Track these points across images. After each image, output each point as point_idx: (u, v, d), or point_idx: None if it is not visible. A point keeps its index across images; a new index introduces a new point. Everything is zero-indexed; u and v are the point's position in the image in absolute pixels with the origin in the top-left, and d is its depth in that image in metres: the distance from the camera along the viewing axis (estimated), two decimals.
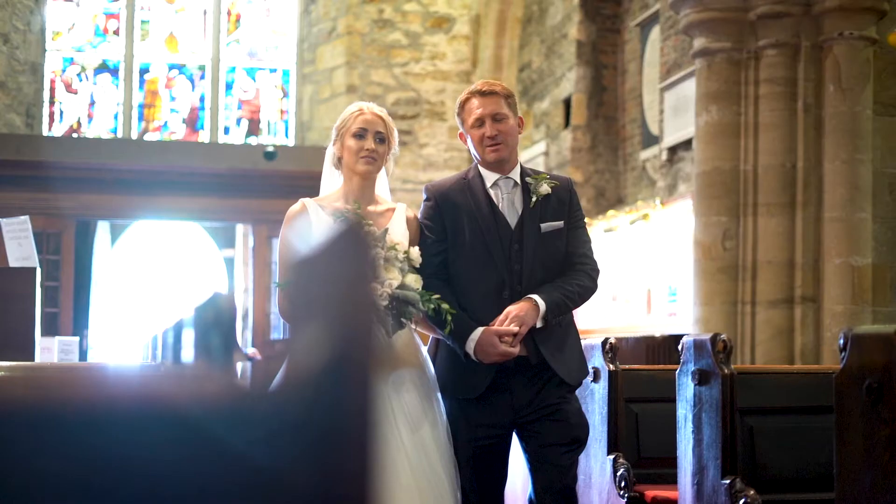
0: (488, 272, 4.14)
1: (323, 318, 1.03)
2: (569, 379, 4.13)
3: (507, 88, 4.34)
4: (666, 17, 11.46)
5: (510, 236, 4.17)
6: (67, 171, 13.97)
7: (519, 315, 4.03)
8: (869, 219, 8.28)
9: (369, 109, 4.27)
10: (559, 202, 4.24)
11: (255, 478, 1.03)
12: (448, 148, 15.38)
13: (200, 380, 1.22)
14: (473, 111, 4.25)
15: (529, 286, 4.13)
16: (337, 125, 4.29)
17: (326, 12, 15.42)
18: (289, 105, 15.71)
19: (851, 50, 8.28)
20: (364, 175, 4.20)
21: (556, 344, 4.16)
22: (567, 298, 4.13)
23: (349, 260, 1.02)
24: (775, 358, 8.27)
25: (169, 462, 1.00)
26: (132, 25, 15.32)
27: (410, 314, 3.94)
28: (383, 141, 4.23)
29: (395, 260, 3.96)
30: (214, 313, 1.91)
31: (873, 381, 3.11)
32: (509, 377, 4.12)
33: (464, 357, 4.09)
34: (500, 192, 4.24)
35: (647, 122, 12.21)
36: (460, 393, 4.15)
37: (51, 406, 0.98)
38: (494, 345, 4.02)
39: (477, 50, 15.32)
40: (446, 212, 4.22)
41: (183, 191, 14.35)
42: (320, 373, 1.02)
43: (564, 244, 4.23)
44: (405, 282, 3.93)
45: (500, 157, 4.20)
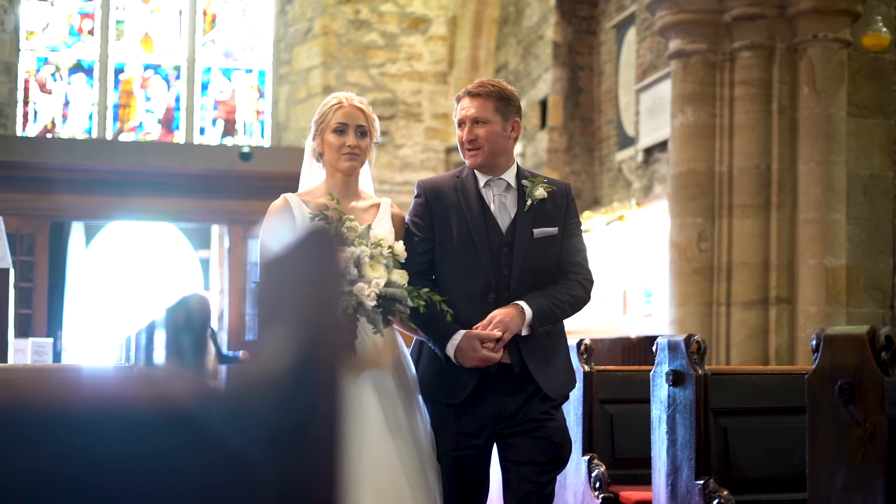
0: (475, 274, 4.01)
1: (290, 320, 1.02)
2: (551, 392, 3.98)
3: (501, 89, 4.14)
4: (642, 18, 11.48)
5: (500, 239, 4.04)
6: (41, 172, 13.90)
7: (503, 321, 3.90)
8: (843, 220, 8.32)
9: (349, 101, 4.11)
10: (555, 207, 4.09)
11: (225, 478, 1.03)
12: (424, 149, 15.37)
13: (170, 381, 1.21)
14: (459, 111, 4.15)
15: (517, 292, 3.99)
16: (316, 119, 4.14)
17: (303, 13, 15.39)
18: (264, 106, 15.68)
19: (826, 52, 8.32)
20: (347, 172, 4.07)
21: (543, 354, 4.03)
22: (556, 307, 3.99)
23: (317, 261, 1.01)
24: (750, 359, 8.30)
25: (141, 463, 1.00)
26: (107, 25, 15.25)
27: (399, 311, 3.80)
28: (365, 134, 4.09)
29: (381, 256, 3.81)
30: (186, 315, 1.90)
31: (845, 382, 3.12)
32: (492, 385, 3.99)
33: (444, 360, 3.97)
34: (492, 193, 4.10)
35: (622, 124, 12.23)
36: (442, 397, 4.02)
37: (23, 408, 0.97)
38: (475, 349, 3.90)
39: (453, 51, 15.32)
40: (435, 210, 4.09)
41: (158, 191, 14.30)
42: (287, 374, 1.01)
43: (558, 251, 4.08)
44: (391, 278, 3.79)
45: (477, 162, 4.06)
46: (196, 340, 1.90)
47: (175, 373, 1.85)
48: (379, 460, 3.74)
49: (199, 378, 1.75)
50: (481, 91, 4.12)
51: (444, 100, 15.42)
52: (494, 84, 4.17)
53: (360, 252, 3.73)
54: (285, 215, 3.99)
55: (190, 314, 1.88)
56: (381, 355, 3.93)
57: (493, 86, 4.15)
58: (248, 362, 1.08)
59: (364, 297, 3.68)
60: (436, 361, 4.02)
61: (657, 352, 4.34)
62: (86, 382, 1.03)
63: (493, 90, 4.12)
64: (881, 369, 3.08)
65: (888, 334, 3.12)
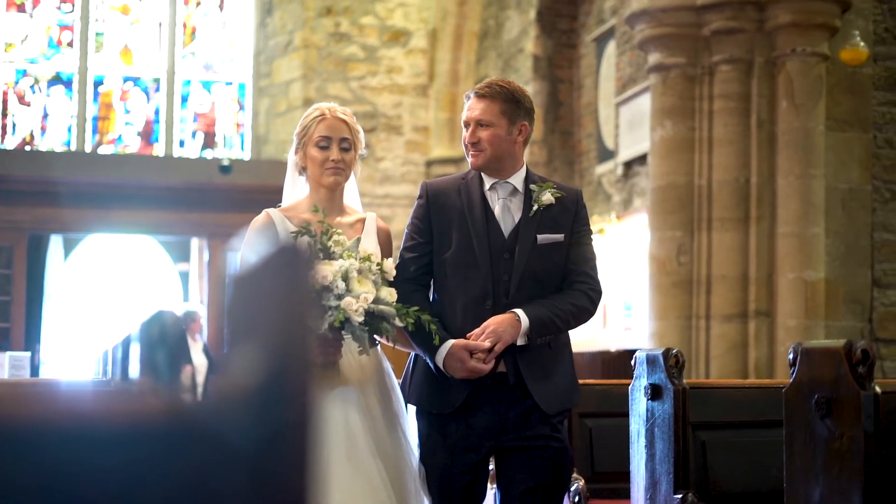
0: (473, 280, 3.84)
1: (259, 337, 1.02)
2: (546, 406, 3.81)
3: (510, 91, 3.96)
4: (621, 32, 11.52)
5: (501, 244, 3.87)
6: (20, 185, 13.84)
7: (496, 330, 3.73)
8: (822, 234, 8.35)
9: (331, 113, 3.97)
10: (563, 214, 3.92)
11: (197, 495, 1.02)
12: (405, 162, 15.38)
13: (143, 396, 1.20)
14: (465, 111, 3.99)
15: (517, 300, 3.81)
16: (298, 132, 3.98)
17: (283, 25, 15.39)
18: (245, 118, 15.66)
19: (804, 66, 8.36)
20: (331, 187, 3.92)
21: (543, 367, 3.85)
22: (556, 317, 3.81)
23: (287, 278, 1.00)
24: (730, 372, 8.31)
25: (115, 479, 0.99)
26: (86, 37, 15.22)
27: (386, 330, 3.66)
28: (349, 148, 3.95)
29: (369, 272, 3.66)
30: (160, 330, 1.89)
31: (822, 396, 3.13)
32: (487, 396, 3.82)
33: (434, 370, 3.81)
34: (497, 197, 3.93)
35: (602, 137, 12.26)
36: (434, 407, 3.87)
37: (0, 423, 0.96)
38: (463, 360, 3.73)
39: (434, 64, 15.34)
40: (436, 212, 3.93)
41: (137, 204, 14.25)
42: (257, 390, 1.00)
43: (563, 259, 3.91)
44: (380, 295, 3.64)
45: (477, 163, 3.90)
46: (171, 356, 1.89)
47: (148, 388, 1.84)
48: (361, 480, 3.62)
49: (173, 393, 1.74)
50: (488, 92, 3.95)
51: (425, 112, 15.43)
52: (503, 85, 4.00)
53: (348, 265, 3.60)
54: (267, 231, 3.85)
55: (164, 329, 1.87)
56: (365, 375, 3.79)
57: (500, 86, 3.97)
58: (218, 378, 1.08)
59: (352, 313, 3.55)
60: (427, 371, 3.87)
61: (636, 365, 4.34)
62: (60, 398, 1.02)
63: (500, 91, 3.95)
64: (858, 383, 3.08)
65: (864, 348, 3.12)
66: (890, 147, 8.73)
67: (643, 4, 8.95)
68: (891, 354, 8.59)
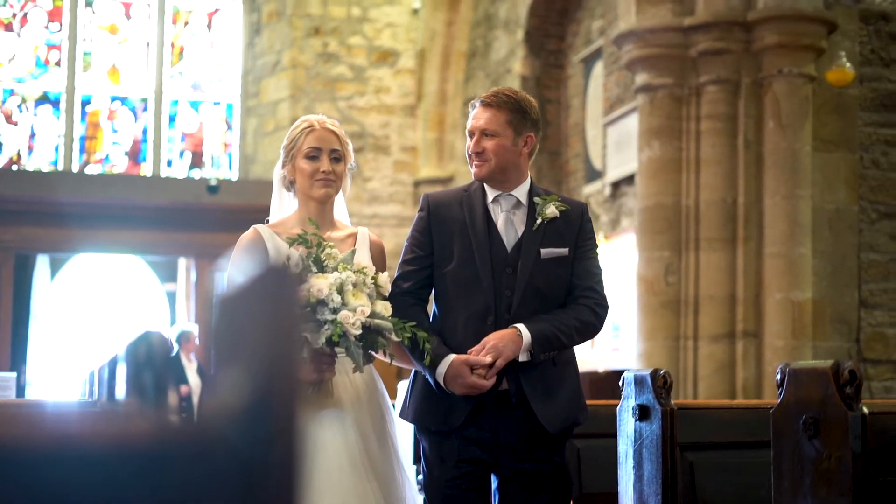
0: (474, 295, 3.75)
1: (246, 358, 1.01)
2: (549, 425, 3.73)
3: (517, 101, 3.86)
4: (609, 52, 11.55)
5: (504, 258, 3.78)
6: (7, 204, 13.81)
7: (496, 345, 3.64)
8: (809, 254, 8.36)
9: (320, 124, 3.86)
10: (567, 228, 3.84)
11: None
12: (392, 182, 15.38)
13: (129, 418, 1.19)
14: (470, 120, 3.88)
15: (519, 315, 3.72)
16: (285, 144, 3.88)
17: (271, 45, 15.40)
18: (232, 138, 15.66)
19: (791, 87, 8.40)
20: (322, 200, 3.82)
21: (546, 384, 3.77)
22: (560, 333, 3.72)
23: (274, 298, 1.00)
24: (717, 392, 8.31)
25: (105, 501, 0.99)
26: (74, 57, 15.21)
27: (382, 345, 3.57)
28: (339, 159, 3.85)
29: (363, 285, 3.56)
30: (147, 350, 1.88)
31: (810, 416, 3.13)
32: (488, 414, 3.74)
33: (435, 386, 3.72)
34: (500, 210, 3.84)
35: (590, 157, 12.28)
36: (434, 424, 3.78)
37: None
38: (463, 375, 3.64)
39: (422, 84, 15.36)
40: (437, 224, 3.84)
41: (125, 224, 14.23)
42: (245, 412, 1.00)
43: (568, 274, 3.83)
44: (375, 309, 3.54)
45: (480, 174, 3.80)
46: (157, 377, 1.88)
47: (135, 409, 1.84)
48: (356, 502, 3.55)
49: (160, 414, 1.73)
50: (494, 101, 3.84)
51: (413, 133, 15.45)
52: (510, 94, 3.89)
53: (344, 277, 3.51)
54: (255, 247, 3.74)
55: (151, 350, 1.86)
56: (358, 393, 3.70)
57: (507, 96, 3.87)
58: (204, 399, 1.07)
59: (349, 326, 3.45)
60: (427, 387, 3.79)
61: (623, 386, 4.33)
62: (46, 419, 1.01)
63: (507, 100, 3.84)
64: (845, 404, 3.08)
65: (852, 368, 3.12)
66: (876, 167, 8.77)
67: (630, 25, 8.98)
68: (878, 375, 8.60)
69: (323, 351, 3.50)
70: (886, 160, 8.79)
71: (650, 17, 8.83)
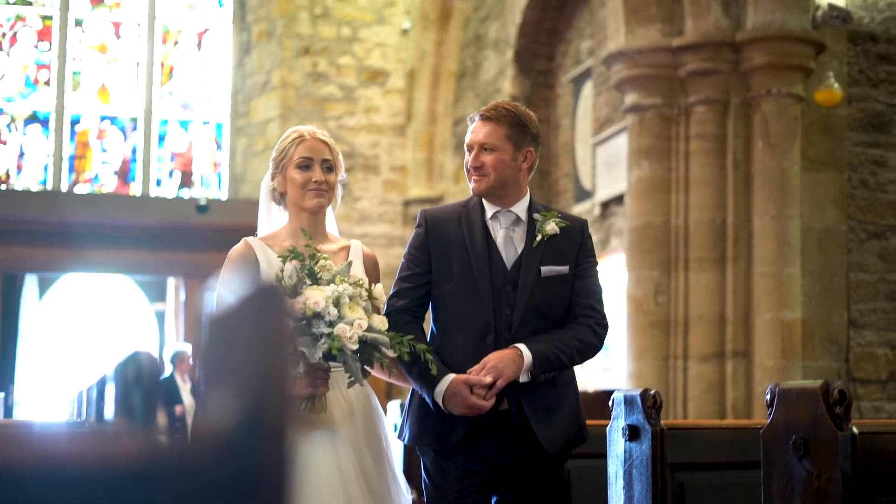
0: (474, 314, 3.69)
1: (236, 379, 1.01)
2: (549, 446, 3.69)
3: (517, 115, 3.79)
4: (598, 73, 11.58)
5: (503, 276, 3.71)
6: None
7: (497, 365, 3.58)
8: (798, 274, 8.38)
9: (311, 134, 3.78)
10: (568, 245, 3.79)
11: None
12: (382, 202, 15.39)
13: (118, 438, 1.19)
14: (469, 134, 3.82)
15: (520, 335, 3.66)
16: (275, 156, 3.80)
17: (261, 65, 15.42)
18: (222, 158, 15.65)
19: (779, 107, 8.42)
20: (314, 210, 3.74)
21: (547, 404, 3.71)
22: (561, 353, 3.66)
23: (264, 319, 0.99)
24: (707, 412, 8.31)
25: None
26: (63, 76, 15.20)
27: (379, 360, 3.49)
28: (331, 169, 3.76)
29: (359, 298, 3.47)
30: (136, 370, 1.87)
31: (800, 437, 3.12)
32: (487, 435, 3.70)
33: (433, 406, 3.66)
34: (499, 226, 3.78)
35: (579, 177, 12.29)
36: (432, 444, 3.73)
37: None
38: (463, 396, 3.58)
39: (411, 103, 15.38)
40: (435, 241, 3.77)
41: (113, 244, 14.20)
42: (233, 433, 0.99)
43: (568, 292, 3.77)
44: (371, 323, 3.46)
45: (479, 189, 3.74)
46: (146, 397, 1.87)
47: (124, 430, 1.83)
48: None
49: (149, 436, 1.72)
50: (494, 114, 3.77)
51: (402, 152, 15.46)
52: (510, 108, 3.82)
53: (341, 290, 3.42)
54: (246, 261, 3.66)
55: (140, 371, 1.85)
56: (353, 410, 3.62)
57: (507, 109, 3.80)
58: (194, 421, 1.06)
59: (346, 340, 3.36)
60: (424, 407, 3.73)
61: (613, 406, 4.33)
62: (34, 439, 1.01)
63: (506, 114, 3.77)
64: (835, 424, 3.08)
65: (841, 388, 3.12)
66: (865, 187, 8.79)
67: (620, 46, 9.01)
68: (867, 394, 8.61)
69: (319, 365, 3.42)
70: (875, 180, 8.82)
71: (639, 38, 8.86)
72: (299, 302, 3.36)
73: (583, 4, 12.32)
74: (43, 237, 14.02)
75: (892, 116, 8.88)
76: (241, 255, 3.69)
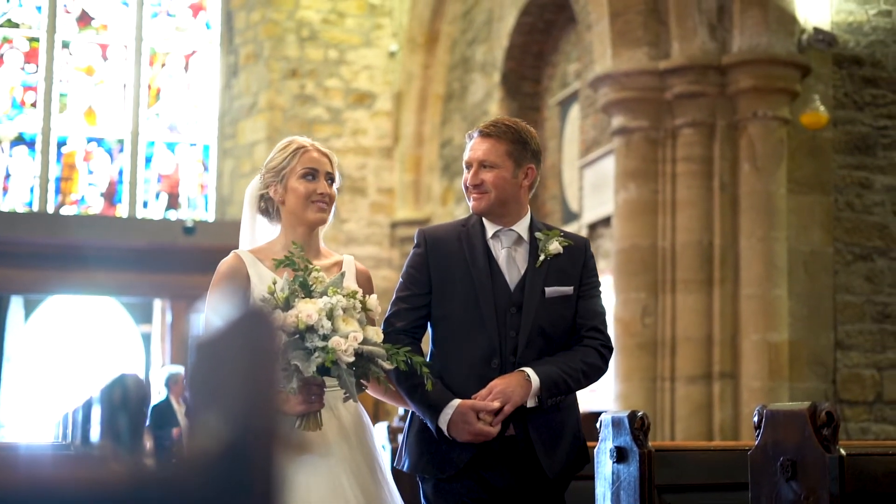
0: (477, 337, 3.56)
1: (223, 403, 1.00)
2: (552, 473, 3.58)
3: (518, 131, 3.67)
4: (585, 95, 11.61)
5: (507, 298, 3.59)
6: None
7: (504, 390, 3.46)
8: (784, 295, 8.39)
9: (313, 146, 3.63)
10: (571, 264, 3.67)
11: None
12: (369, 224, 15.39)
13: (103, 461, 1.18)
14: (467, 151, 3.70)
15: (525, 358, 3.55)
16: (273, 165, 3.63)
17: (248, 87, 15.43)
18: (209, 179, 15.64)
19: (766, 130, 8.45)
20: (315, 223, 3.61)
21: (552, 430, 3.60)
22: (568, 377, 3.56)
23: (252, 343, 0.99)
24: (694, 434, 8.30)
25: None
26: (50, 98, 15.19)
27: (375, 373, 3.36)
28: (333, 182, 3.64)
29: (353, 310, 3.34)
30: (122, 394, 1.86)
31: (787, 458, 3.12)
32: (491, 460, 3.57)
33: (436, 433, 3.53)
34: (500, 246, 3.66)
35: (566, 199, 12.31)
36: (432, 472, 3.58)
37: None
38: (470, 422, 3.46)
39: (398, 126, 15.41)
40: (435, 262, 3.64)
41: (100, 265, 14.15)
42: (220, 457, 0.99)
43: (572, 313, 3.66)
44: (367, 335, 3.33)
45: (479, 208, 3.62)
46: (132, 420, 1.87)
47: (109, 453, 1.82)
48: None
49: (135, 458, 1.71)
50: (494, 131, 3.65)
51: (389, 174, 15.47)
52: (510, 124, 3.71)
53: (334, 302, 3.29)
54: (236, 275, 3.51)
55: (126, 393, 1.84)
56: (343, 425, 3.48)
57: (507, 126, 3.68)
58: (180, 444, 1.05)
59: (341, 353, 3.23)
60: (425, 432, 3.59)
61: (601, 428, 4.32)
62: (19, 462, 1.00)
63: (506, 130, 3.65)
64: (823, 445, 3.08)
65: (829, 410, 3.12)
66: (851, 210, 8.82)
67: (606, 69, 9.04)
68: (855, 416, 8.61)
69: (313, 380, 3.30)
70: (861, 202, 8.85)
71: (626, 61, 8.89)
72: (292, 315, 3.26)
73: (569, 28, 12.36)
74: (29, 259, 13.98)
75: (878, 139, 8.92)
76: (232, 270, 3.53)
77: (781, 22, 8.50)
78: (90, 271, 14.23)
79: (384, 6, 15.61)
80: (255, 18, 15.45)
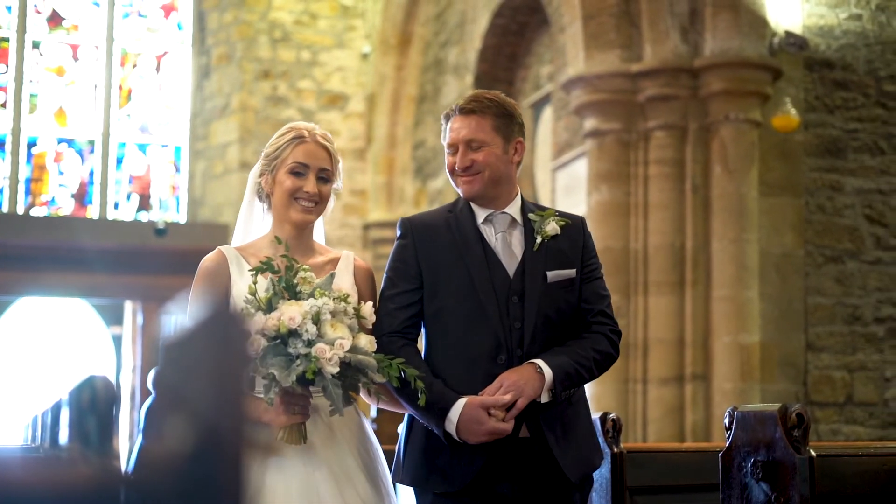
0: (479, 332, 3.26)
1: (191, 406, 0.99)
2: (571, 473, 3.26)
3: (500, 103, 3.40)
4: (558, 98, 11.63)
5: (507, 286, 3.29)
6: None
7: (517, 383, 3.16)
8: (756, 298, 8.42)
9: (312, 135, 3.43)
10: (570, 246, 3.41)
11: None
12: (342, 225, 15.35)
13: (72, 464, 1.17)
14: (448, 133, 3.39)
15: (532, 350, 3.25)
16: (268, 151, 3.45)
17: (220, 88, 15.37)
18: (180, 181, 15.57)
19: (737, 132, 8.49)
20: (298, 225, 3.34)
21: (565, 426, 3.30)
22: (581, 367, 3.27)
23: (221, 347, 0.98)
24: (667, 436, 8.32)
25: None
26: (20, 98, 15.09)
27: (366, 385, 3.09)
28: (328, 180, 3.43)
29: (344, 315, 3.08)
30: (90, 396, 1.85)
31: (758, 459, 3.13)
32: (506, 464, 3.24)
33: (443, 438, 3.20)
34: (493, 231, 3.38)
35: (539, 201, 12.32)
36: (437, 486, 3.24)
37: None
38: (481, 420, 3.14)
39: (371, 128, 15.39)
40: (424, 253, 3.34)
41: (70, 267, 14.08)
42: (187, 460, 0.98)
43: (576, 297, 3.38)
44: (357, 343, 3.05)
45: (472, 191, 3.35)
46: (101, 422, 1.85)
47: (78, 455, 1.80)
48: None
49: (104, 461, 1.70)
50: (476, 106, 3.37)
51: (362, 176, 15.44)
52: (491, 97, 3.42)
53: (321, 304, 3.03)
54: (218, 273, 3.28)
55: (95, 395, 1.83)
56: (331, 430, 3.22)
57: (489, 100, 3.40)
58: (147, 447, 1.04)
59: (325, 362, 2.96)
60: (428, 440, 3.29)
61: None
62: (9, 465, 0.99)
63: (490, 104, 3.38)
64: (793, 447, 3.09)
65: (799, 412, 3.14)
66: (822, 212, 8.86)
67: (579, 71, 9.05)
68: (825, 417, 8.65)
69: (293, 390, 3.03)
70: (832, 205, 8.89)
71: (598, 64, 8.91)
72: (273, 318, 3.01)
73: (542, 30, 12.38)
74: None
75: (848, 142, 8.96)
76: (213, 266, 3.30)
77: (753, 25, 8.53)
78: (60, 273, 14.15)
79: (357, 8, 15.59)
80: (227, 19, 15.40)
